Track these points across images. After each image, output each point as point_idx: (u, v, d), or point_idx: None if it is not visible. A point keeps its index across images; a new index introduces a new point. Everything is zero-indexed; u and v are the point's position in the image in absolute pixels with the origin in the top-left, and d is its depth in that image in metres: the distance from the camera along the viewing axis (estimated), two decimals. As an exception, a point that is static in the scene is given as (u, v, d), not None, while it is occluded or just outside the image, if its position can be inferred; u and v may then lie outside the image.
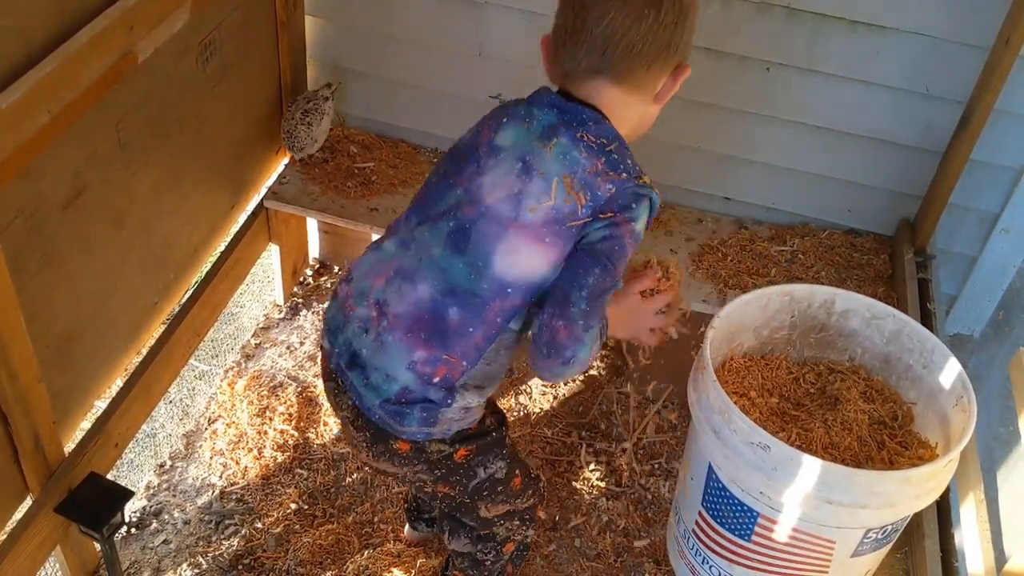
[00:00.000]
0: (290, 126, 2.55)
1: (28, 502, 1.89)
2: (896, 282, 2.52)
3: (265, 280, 3.03)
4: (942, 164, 2.47)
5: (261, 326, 2.82)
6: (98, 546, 2.01)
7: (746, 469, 1.70)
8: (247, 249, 2.59)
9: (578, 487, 2.42)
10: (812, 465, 1.62)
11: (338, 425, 2.51)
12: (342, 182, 2.66)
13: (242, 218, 2.62)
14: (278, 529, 2.26)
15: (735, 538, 1.83)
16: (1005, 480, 2.06)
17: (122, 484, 2.01)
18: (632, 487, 2.43)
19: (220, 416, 2.53)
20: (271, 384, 2.62)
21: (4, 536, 1.84)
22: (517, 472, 1.72)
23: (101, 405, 2.15)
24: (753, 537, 1.80)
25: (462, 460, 1.59)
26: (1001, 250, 2.62)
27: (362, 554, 2.20)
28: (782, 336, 2.06)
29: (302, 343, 2.76)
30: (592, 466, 2.47)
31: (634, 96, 1.42)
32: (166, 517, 2.29)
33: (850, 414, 1.88)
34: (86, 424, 2.10)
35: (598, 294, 1.39)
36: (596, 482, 2.43)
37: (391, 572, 2.17)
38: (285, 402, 2.56)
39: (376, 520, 2.29)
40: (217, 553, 2.21)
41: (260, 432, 2.48)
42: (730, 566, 1.89)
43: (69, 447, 1.98)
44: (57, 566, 2.10)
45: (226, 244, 2.54)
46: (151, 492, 2.35)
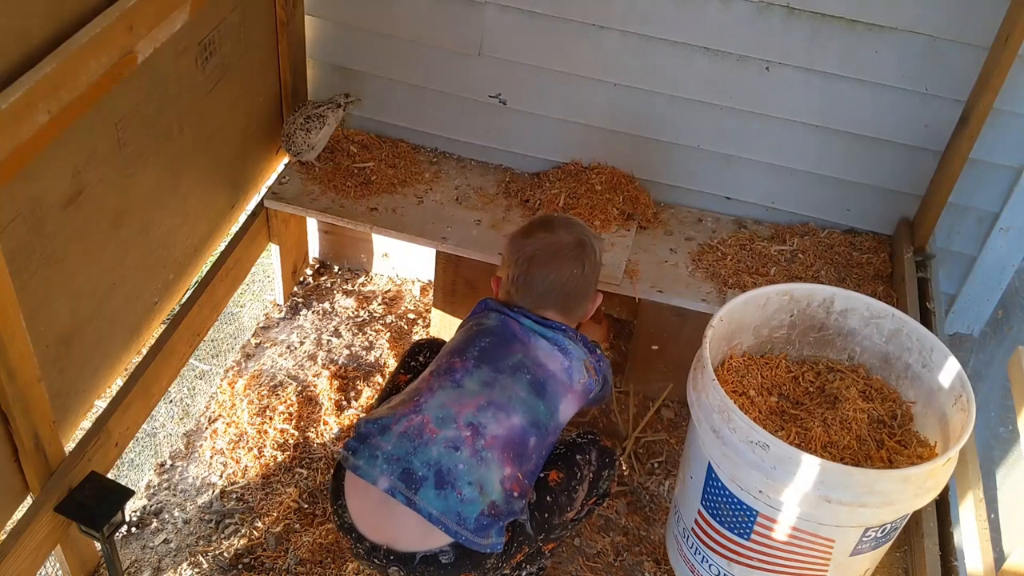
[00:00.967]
0: (290, 130, 2.56)
1: (28, 501, 1.89)
2: (895, 281, 2.52)
3: (265, 280, 3.03)
4: (941, 163, 2.47)
5: (261, 325, 2.82)
6: (98, 545, 2.01)
7: (745, 468, 1.70)
8: (247, 249, 2.59)
9: (578, 486, 2.42)
10: (811, 464, 1.62)
11: (339, 424, 2.51)
12: (342, 182, 2.66)
13: (242, 218, 2.62)
14: (278, 528, 2.26)
15: (734, 537, 1.83)
16: (1004, 479, 2.06)
17: (122, 483, 2.01)
18: (632, 486, 2.43)
19: (220, 415, 2.54)
20: (271, 383, 2.62)
21: (4, 535, 1.84)
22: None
23: (101, 404, 2.15)
24: (752, 536, 1.80)
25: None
26: (1000, 249, 2.62)
27: (362, 553, 2.20)
28: (781, 335, 2.06)
29: (302, 342, 2.76)
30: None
31: (571, 318, 2.02)
32: (166, 516, 2.29)
33: (849, 413, 1.88)
34: (86, 423, 2.10)
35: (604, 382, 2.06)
36: (596, 481, 2.44)
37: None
38: (285, 401, 2.56)
39: (376, 519, 2.29)
40: (217, 552, 2.21)
41: (260, 431, 2.48)
42: (729, 565, 1.89)
43: (69, 446, 1.98)
44: (57, 565, 2.11)
45: (226, 244, 2.54)
46: (151, 491, 2.35)
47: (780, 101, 2.52)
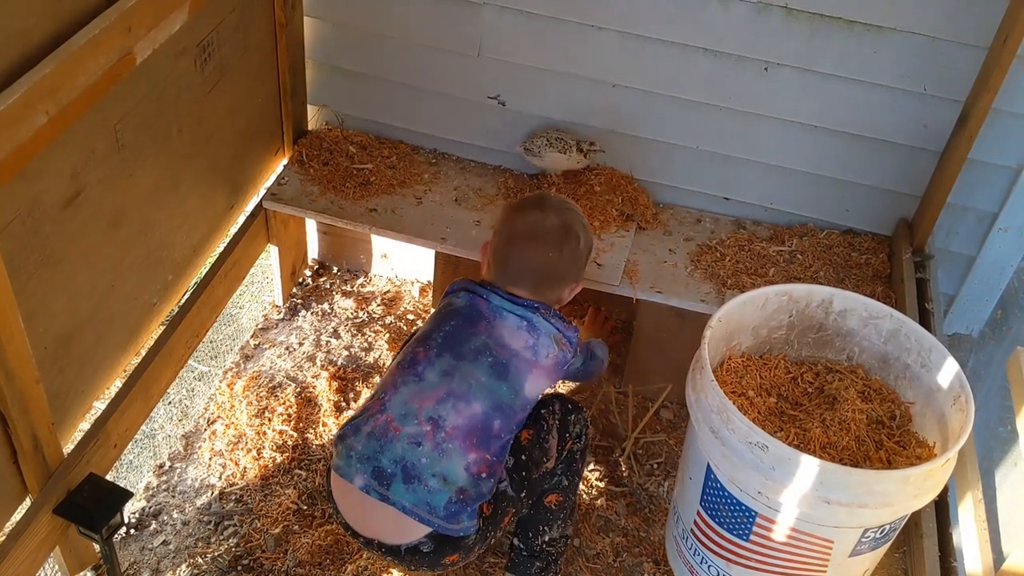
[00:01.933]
0: (540, 131, 2.64)
1: (27, 503, 1.89)
2: (894, 282, 2.52)
3: (264, 281, 3.03)
4: (940, 163, 2.47)
5: (260, 327, 2.82)
6: (97, 547, 2.01)
7: (744, 469, 1.70)
8: (246, 250, 2.59)
9: (577, 487, 2.42)
10: (810, 465, 1.62)
11: (338, 425, 2.51)
12: (341, 183, 2.66)
13: (241, 219, 2.62)
14: (277, 530, 2.26)
15: (733, 538, 1.83)
16: (1003, 480, 2.07)
17: (121, 485, 2.01)
18: (631, 487, 2.43)
19: (219, 417, 2.53)
20: (270, 385, 2.62)
21: (3, 537, 1.84)
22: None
23: (100, 406, 2.15)
24: (751, 537, 1.80)
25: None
26: (999, 249, 2.62)
27: (361, 555, 2.20)
28: (780, 336, 2.06)
29: (301, 343, 2.76)
30: (591, 466, 2.47)
31: (544, 298, 2.01)
32: (165, 518, 2.29)
33: (848, 413, 1.88)
34: (85, 425, 2.10)
35: (593, 358, 2.19)
36: (595, 482, 2.44)
37: (389, 573, 2.18)
38: (284, 403, 2.56)
39: (375, 520, 2.29)
40: (216, 554, 2.21)
41: (259, 433, 2.48)
42: (728, 566, 1.89)
43: (68, 448, 1.98)
44: (56, 567, 2.10)
45: (225, 245, 2.54)
46: (150, 493, 2.35)
47: (779, 101, 2.52)
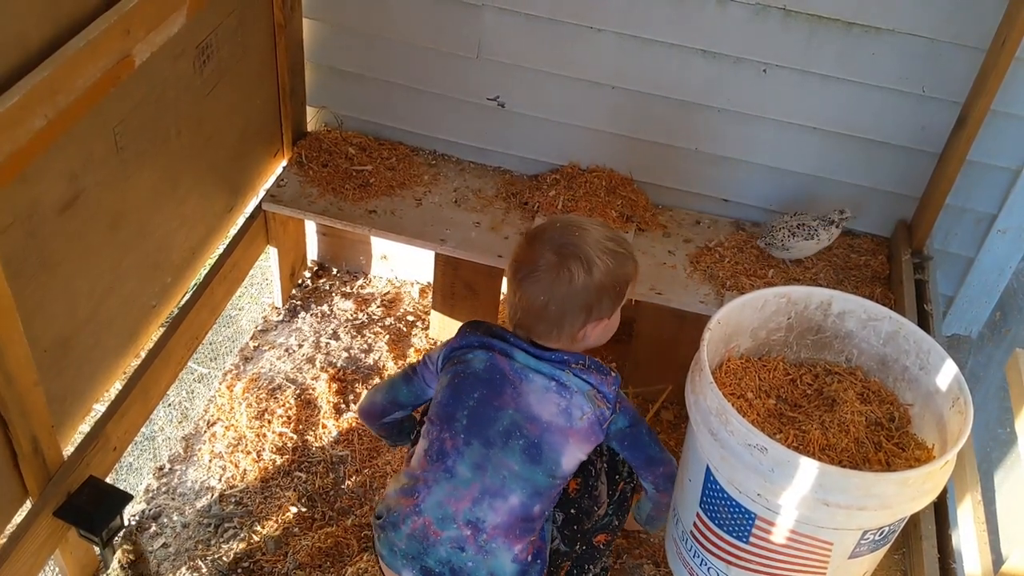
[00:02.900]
0: (778, 223, 2.54)
1: (27, 506, 1.89)
2: (893, 283, 2.52)
3: (263, 282, 3.03)
4: (939, 165, 2.47)
5: (259, 328, 2.82)
6: (97, 550, 2.01)
7: (743, 471, 1.70)
8: (245, 252, 2.59)
9: (576, 489, 2.42)
10: (809, 467, 1.62)
11: (338, 427, 2.51)
12: (340, 184, 2.66)
13: (240, 221, 2.62)
14: (277, 532, 2.26)
15: (733, 540, 1.83)
16: (1002, 481, 2.07)
17: (121, 487, 2.02)
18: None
19: (219, 419, 2.53)
20: (269, 387, 2.62)
21: (4, 540, 1.84)
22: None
23: (100, 408, 2.15)
24: (751, 539, 1.80)
25: None
26: (998, 251, 2.62)
27: (361, 557, 2.20)
28: (779, 337, 2.06)
29: (300, 345, 2.76)
30: (590, 468, 2.47)
31: (570, 343, 1.75)
32: (165, 520, 2.29)
33: (847, 415, 1.88)
34: (85, 427, 2.10)
35: (655, 439, 1.86)
36: (594, 484, 2.43)
37: None
38: (284, 404, 2.56)
39: (374, 522, 2.30)
40: (216, 556, 2.21)
41: (259, 435, 2.48)
42: (728, 568, 1.89)
43: (68, 451, 1.98)
44: (57, 570, 2.10)
45: (224, 247, 2.54)
46: (150, 495, 2.35)
47: (778, 103, 2.52)
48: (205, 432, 2.50)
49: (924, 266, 2.52)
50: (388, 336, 2.80)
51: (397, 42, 2.66)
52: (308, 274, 3.01)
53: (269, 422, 2.51)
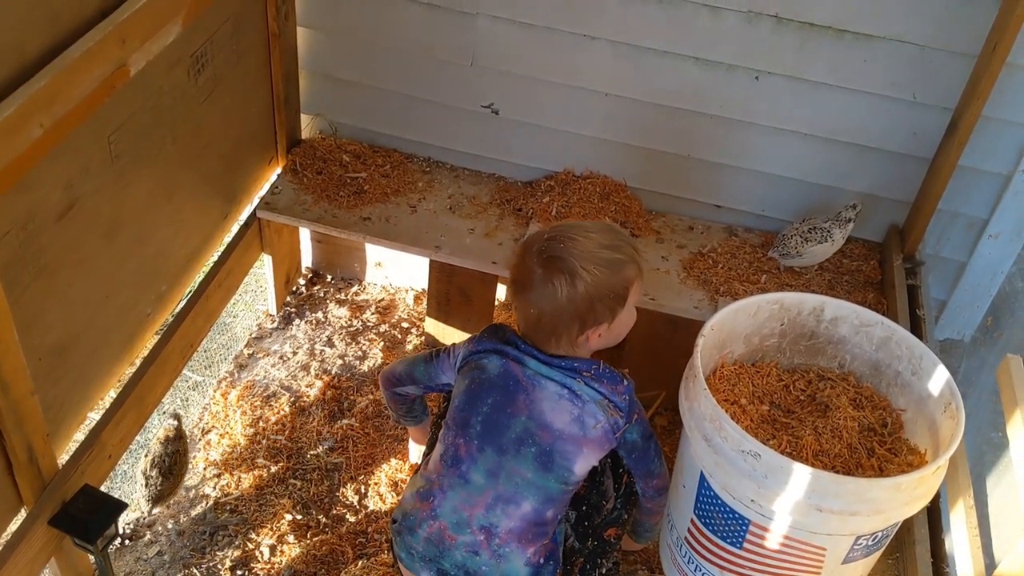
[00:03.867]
0: (789, 231, 2.54)
1: (22, 515, 1.89)
2: (886, 288, 2.53)
3: (258, 289, 3.03)
4: (930, 170, 2.48)
5: (254, 336, 2.82)
6: (92, 558, 2.01)
7: (737, 477, 1.71)
8: (240, 259, 2.59)
9: (571, 494, 2.43)
10: (802, 473, 1.63)
11: (332, 434, 2.51)
12: (334, 192, 2.67)
13: (235, 228, 2.63)
14: (272, 539, 2.26)
15: (727, 545, 1.84)
16: (995, 486, 2.08)
17: (116, 495, 2.02)
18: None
19: (213, 427, 2.54)
20: (264, 394, 2.62)
21: (-2, 549, 1.84)
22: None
23: (95, 416, 2.15)
24: (745, 544, 1.81)
25: None
26: (990, 255, 2.64)
27: (356, 564, 2.21)
28: (772, 343, 2.07)
29: (295, 352, 2.76)
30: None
31: (578, 350, 1.74)
32: (160, 528, 2.29)
33: (840, 421, 1.89)
34: (80, 435, 2.10)
35: (659, 453, 1.85)
36: (589, 489, 2.44)
37: (385, 581, 2.18)
38: (278, 412, 2.56)
39: (370, 530, 2.30)
40: (211, 564, 2.21)
41: (253, 442, 2.48)
42: (722, 573, 1.89)
43: (63, 459, 1.98)
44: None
45: (219, 254, 2.54)
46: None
47: (770, 110, 2.53)
48: (200, 440, 2.50)
49: (916, 271, 2.53)
50: (383, 343, 2.81)
51: (391, 49, 2.67)
52: (303, 281, 3.01)
53: (264, 429, 2.51)
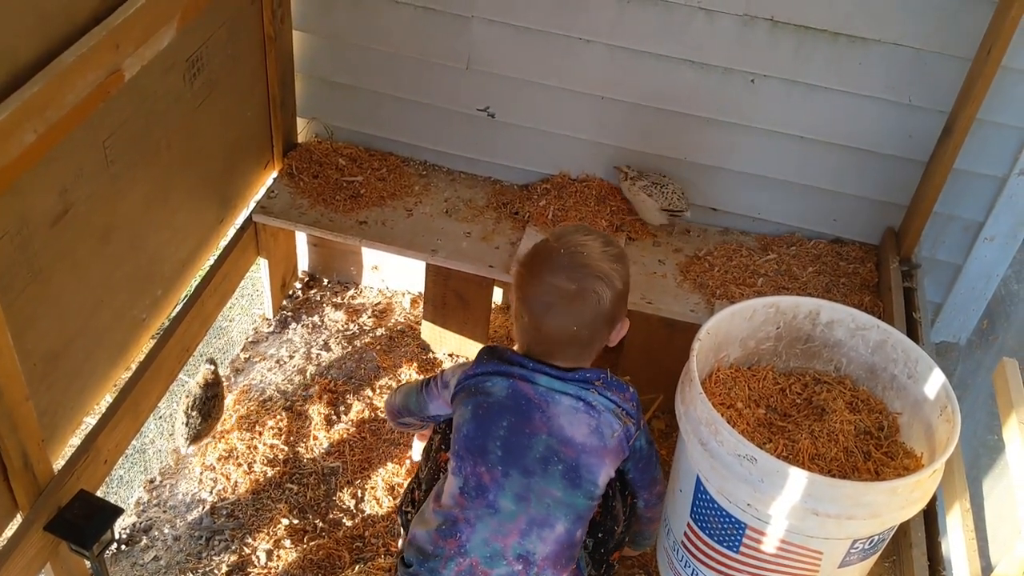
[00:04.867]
0: (646, 169, 2.63)
1: (18, 520, 1.89)
2: (882, 291, 2.53)
3: (254, 294, 3.03)
4: (926, 173, 2.49)
5: (250, 340, 2.82)
6: (88, 564, 2.01)
7: (733, 481, 1.71)
8: (236, 263, 2.59)
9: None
10: (798, 477, 1.63)
11: (328, 439, 2.51)
12: (331, 195, 2.67)
13: (231, 232, 2.62)
14: (268, 544, 2.26)
15: (723, 549, 1.84)
16: (991, 489, 2.08)
17: (112, 501, 2.01)
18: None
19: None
20: (260, 398, 2.62)
21: (-7, 555, 1.84)
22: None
23: (91, 421, 2.15)
24: (741, 548, 1.81)
25: None
26: (985, 258, 2.64)
27: (353, 568, 2.20)
28: (768, 347, 2.07)
29: (291, 356, 2.76)
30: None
31: (588, 360, 1.74)
32: (156, 533, 2.29)
33: (836, 424, 1.89)
34: (75, 440, 2.10)
35: (659, 459, 1.89)
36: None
37: (382, 586, 2.18)
38: (275, 416, 2.56)
39: (367, 534, 2.29)
40: (207, 569, 2.21)
41: (250, 447, 2.48)
42: (719, 577, 1.90)
43: (58, 464, 1.98)
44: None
45: (215, 258, 2.54)
46: (141, 508, 2.35)
47: (765, 113, 2.53)
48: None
49: (912, 274, 2.53)
50: (379, 347, 2.80)
51: (387, 53, 2.67)
52: (299, 285, 3.01)
53: (260, 434, 2.51)
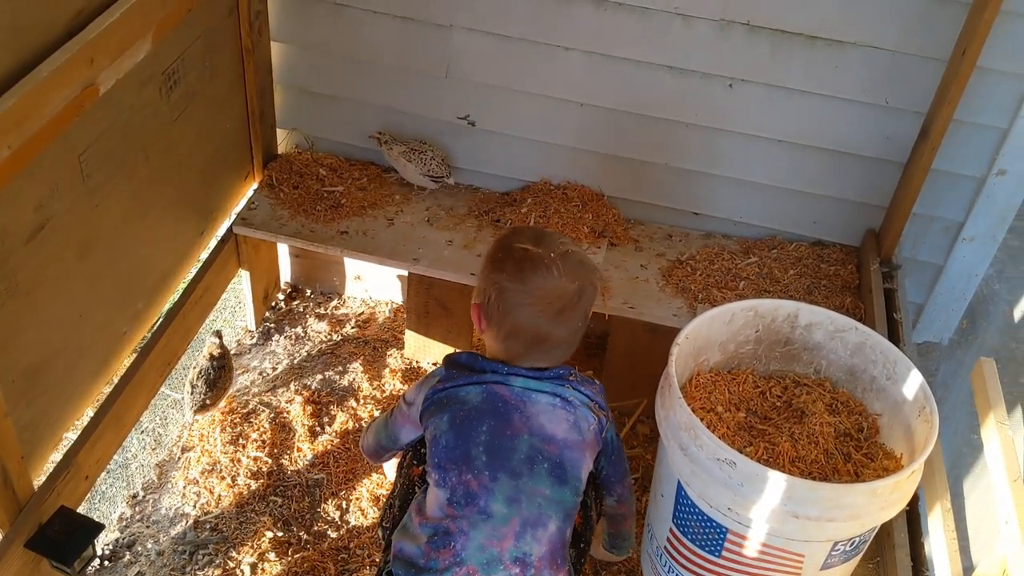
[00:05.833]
0: (402, 136, 2.70)
1: (-2, 537, 1.88)
2: (863, 292, 2.54)
3: (237, 305, 3.02)
4: (904, 175, 2.50)
5: (233, 352, 2.81)
6: (70, 580, 1.99)
7: (714, 485, 1.71)
8: (217, 276, 2.58)
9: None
10: (778, 480, 1.64)
11: (312, 450, 2.50)
12: (311, 206, 2.66)
13: (212, 244, 2.62)
14: (253, 558, 2.25)
15: (705, 554, 1.84)
16: (972, 489, 2.08)
17: (94, 516, 2.01)
18: (607, 504, 2.43)
19: (193, 444, 2.52)
20: (244, 411, 2.61)
21: (-27, 573, 1.83)
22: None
23: (72, 436, 2.14)
24: (723, 553, 1.81)
25: None
26: (965, 258, 2.65)
27: (337, 580, 2.20)
28: (748, 350, 2.07)
29: (275, 368, 2.75)
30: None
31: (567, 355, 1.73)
32: (139, 549, 2.28)
33: (816, 427, 1.90)
34: (56, 455, 2.09)
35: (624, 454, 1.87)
36: (571, 500, 2.44)
37: (367, 597, 2.17)
38: (258, 428, 2.55)
39: (352, 546, 2.29)
40: (191, 583, 2.20)
41: (234, 460, 2.47)
42: (702, 582, 1.90)
43: (39, 481, 1.97)
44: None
45: (196, 271, 2.53)
46: (124, 523, 2.34)
47: (744, 117, 2.54)
48: (179, 458, 2.49)
49: (893, 275, 2.54)
50: (363, 357, 2.80)
51: (366, 63, 2.67)
52: (282, 296, 3.00)
53: (244, 446, 2.50)
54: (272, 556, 2.24)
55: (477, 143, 2.76)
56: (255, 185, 2.75)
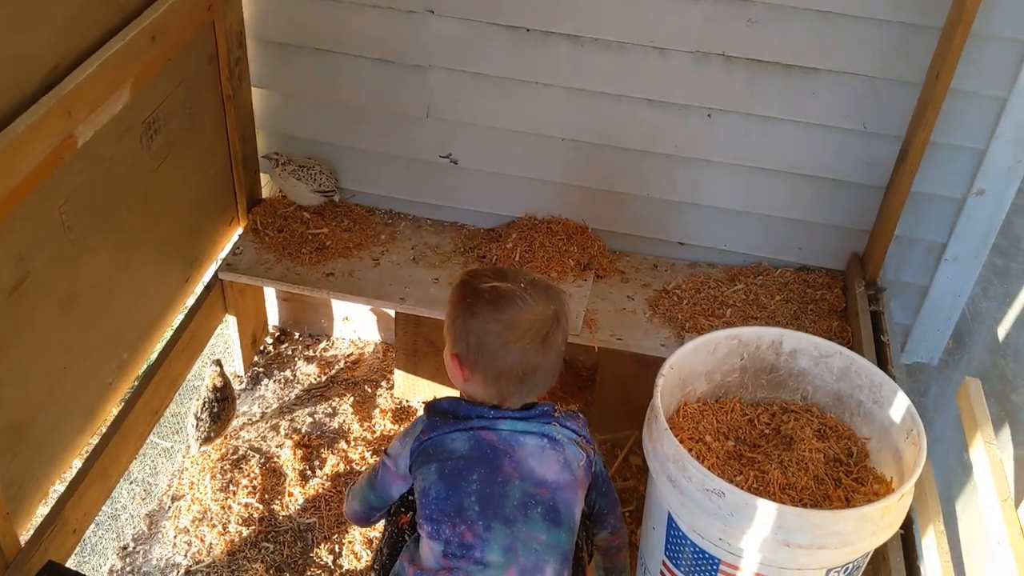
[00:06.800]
0: (294, 154, 2.72)
1: (-16, 596, 1.86)
2: (850, 315, 2.54)
3: (225, 350, 3.01)
4: (885, 198, 2.51)
5: (223, 398, 2.80)
6: (58, 636, 1.97)
7: (703, 516, 1.70)
8: (203, 322, 2.58)
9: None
10: (767, 508, 1.62)
11: (304, 495, 2.49)
12: (296, 249, 2.67)
13: (198, 290, 2.62)
14: (245, 605, 2.23)
15: (699, 586, 1.82)
16: (964, 510, 2.07)
17: (84, 570, 1.99)
18: (602, 538, 2.41)
19: (183, 493, 2.50)
20: (234, 457, 2.59)
21: (-41, 633, 1.80)
22: None
23: (59, 488, 2.12)
24: (717, 584, 1.79)
25: None
26: (949, 279, 2.66)
27: (331, 626, 2.17)
28: (734, 379, 2.07)
29: (264, 413, 2.74)
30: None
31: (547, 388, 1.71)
32: (130, 600, 2.25)
33: (805, 453, 1.89)
34: (44, 509, 2.07)
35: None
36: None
37: (361, 642, 2.15)
38: (249, 474, 2.53)
39: (344, 589, 2.27)
40: (183, 634, 2.17)
41: (224, 507, 2.45)
42: (698, 614, 1.88)
43: (25, 536, 1.95)
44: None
45: (182, 318, 2.53)
46: None
47: (725, 146, 2.56)
48: (169, 507, 2.47)
49: (879, 297, 2.55)
50: (352, 398, 2.79)
51: (346, 106, 2.69)
52: (270, 340, 3.00)
53: (235, 493, 2.48)
54: (264, 604, 2.22)
55: (461, 181, 2.78)
56: (240, 230, 2.75)
